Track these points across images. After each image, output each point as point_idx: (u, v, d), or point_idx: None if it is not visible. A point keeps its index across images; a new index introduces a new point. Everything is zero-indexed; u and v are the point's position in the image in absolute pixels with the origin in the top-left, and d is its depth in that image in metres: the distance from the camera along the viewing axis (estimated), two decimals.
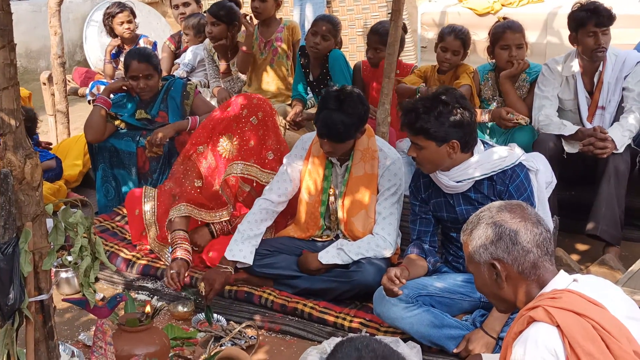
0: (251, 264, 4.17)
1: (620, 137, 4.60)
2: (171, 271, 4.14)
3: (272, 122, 4.63)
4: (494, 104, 5.20)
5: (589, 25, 4.70)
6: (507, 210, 2.39)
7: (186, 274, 4.23)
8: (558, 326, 2.12)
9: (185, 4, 7.38)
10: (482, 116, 5.07)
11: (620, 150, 4.58)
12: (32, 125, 6.03)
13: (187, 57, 7.01)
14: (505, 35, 5.07)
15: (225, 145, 4.57)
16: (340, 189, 4.26)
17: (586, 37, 4.74)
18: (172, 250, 4.31)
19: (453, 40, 5.34)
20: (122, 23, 7.12)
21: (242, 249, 4.17)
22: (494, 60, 5.23)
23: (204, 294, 3.99)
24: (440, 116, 3.56)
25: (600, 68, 4.84)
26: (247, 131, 4.54)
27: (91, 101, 7.04)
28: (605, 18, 4.70)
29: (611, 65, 4.83)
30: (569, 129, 4.73)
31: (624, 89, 4.80)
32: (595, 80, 4.86)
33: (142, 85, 5.19)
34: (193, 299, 4.12)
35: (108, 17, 7.19)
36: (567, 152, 4.72)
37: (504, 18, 5.33)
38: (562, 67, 4.93)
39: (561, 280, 2.33)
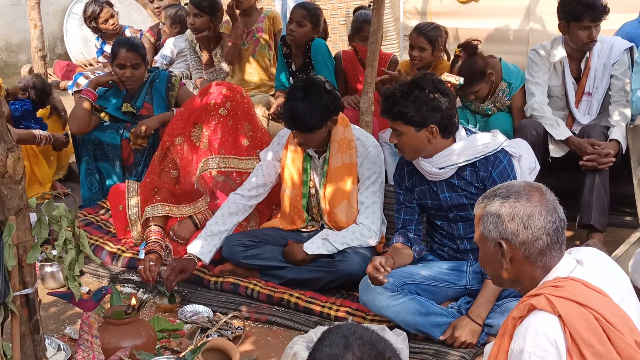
0: (207, 262, 4.22)
1: (622, 138, 4.62)
2: (141, 266, 4.24)
3: (243, 110, 4.64)
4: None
5: (585, 20, 4.65)
6: (526, 191, 2.33)
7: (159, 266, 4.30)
8: (560, 316, 2.11)
9: None
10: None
11: (623, 143, 4.61)
12: (43, 97, 6.03)
13: (164, 50, 6.99)
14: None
15: (197, 134, 4.61)
16: (321, 180, 4.26)
17: (579, 30, 4.70)
18: (146, 244, 4.41)
19: (417, 37, 5.39)
20: (107, 20, 7.19)
21: (202, 245, 4.21)
22: None
23: (166, 277, 4.08)
24: (417, 100, 3.58)
25: (587, 54, 4.83)
26: (216, 123, 4.57)
27: (75, 92, 7.01)
28: (601, 13, 4.65)
29: (597, 52, 4.81)
30: (561, 132, 4.71)
31: (612, 76, 4.80)
32: (582, 66, 4.85)
33: (128, 74, 5.17)
34: (163, 290, 4.13)
35: (91, 20, 7.24)
36: (553, 156, 4.72)
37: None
38: (549, 53, 4.91)
39: (564, 267, 2.30)
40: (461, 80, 4.87)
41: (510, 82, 5.03)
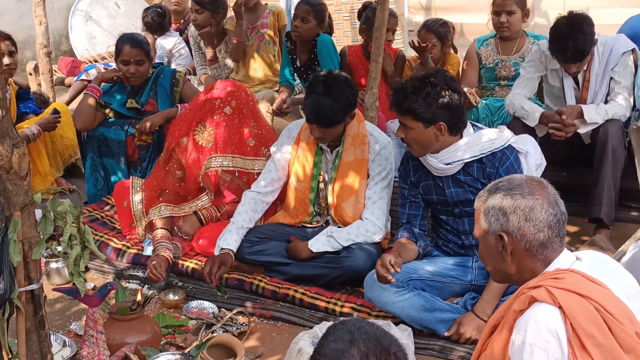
0: (234, 250, 4.18)
1: (592, 111, 4.54)
2: (153, 262, 4.18)
3: (248, 108, 4.62)
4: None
5: (557, 58, 4.61)
6: (528, 184, 2.33)
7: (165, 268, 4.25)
8: (560, 307, 2.10)
9: None
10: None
11: (588, 120, 4.53)
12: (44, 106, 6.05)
13: (159, 52, 7.01)
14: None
15: (202, 134, 4.58)
16: (331, 174, 4.25)
17: (557, 61, 4.68)
18: (154, 249, 4.37)
19: (426, 34, 5.44)
20: None
21: (236, 240, 4.19)
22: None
23: (207, 271, 3.99)
24: (428, 97, 3.56)
25: (586, 66, 4.66)
26: (221, 122, 4.54)
27: (81, 80, 7.01)
28: (572, 58, 4.52)
29: (598, 58, 4.65)
30: (532, 118, 4.65)
31: (611, 79, 4.65)
32: (580, 79, 4.72)
33: (132, 70, 5.17)
34: (175, 282, 4.13)
35: None
36: (539, 135, 4.65)
37: None
38: (550, 58, 4.76)
39: (564, 260, 2.30)
40: (480, 103, 4.90)
41: (535, 35, 5.22)
